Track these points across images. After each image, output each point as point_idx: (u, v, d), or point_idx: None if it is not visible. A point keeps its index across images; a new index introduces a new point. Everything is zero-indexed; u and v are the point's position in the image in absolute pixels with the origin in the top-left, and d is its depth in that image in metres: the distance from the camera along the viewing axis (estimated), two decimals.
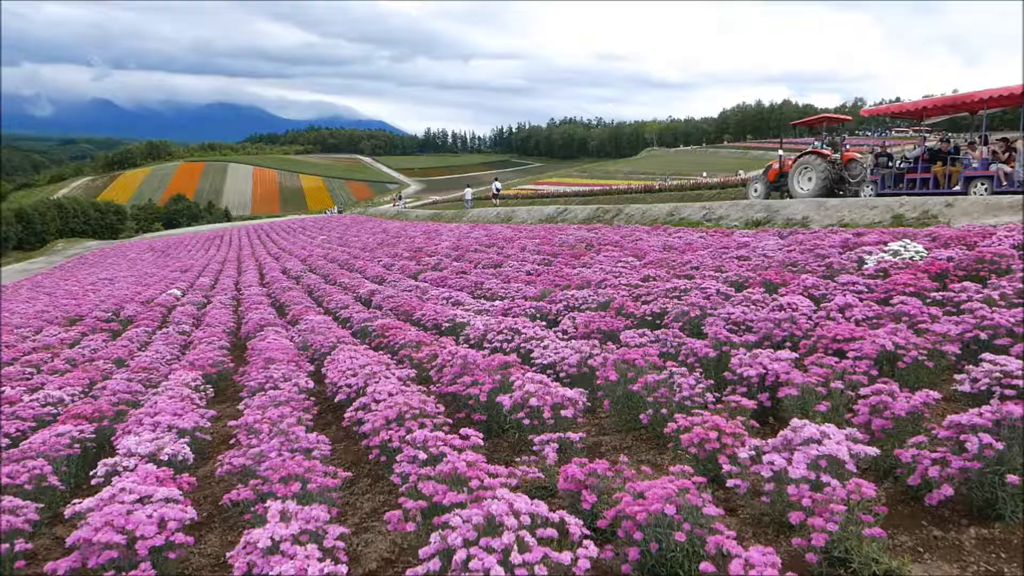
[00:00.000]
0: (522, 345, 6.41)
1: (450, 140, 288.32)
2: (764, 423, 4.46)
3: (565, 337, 6.83)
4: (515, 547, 2.64)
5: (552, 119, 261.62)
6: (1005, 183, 13.40)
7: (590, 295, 8.36)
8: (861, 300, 6.07)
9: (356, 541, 3.78)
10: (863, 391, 3.86)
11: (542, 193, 71.81)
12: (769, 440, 3.41)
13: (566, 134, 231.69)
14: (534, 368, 5.66)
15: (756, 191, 19.96)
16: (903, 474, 3.34)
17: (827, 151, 17.87)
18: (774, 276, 7.67)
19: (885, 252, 7.97)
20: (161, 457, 4.48)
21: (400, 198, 79.02)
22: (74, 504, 3.53)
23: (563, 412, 4.41)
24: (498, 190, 46.64)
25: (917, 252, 7.76)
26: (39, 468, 4.48)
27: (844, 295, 6.15)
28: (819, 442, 3.20)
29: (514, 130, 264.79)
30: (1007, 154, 13.85)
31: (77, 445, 5.23)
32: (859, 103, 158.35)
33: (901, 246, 7.98)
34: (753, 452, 3.39)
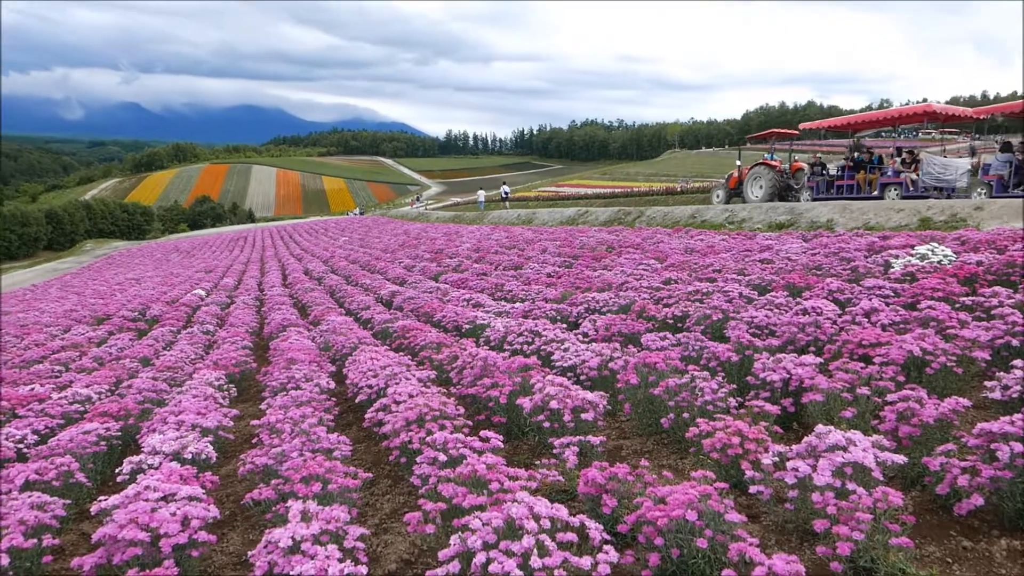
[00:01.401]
0: (542, 347, 6.40)
1: (471, 142, 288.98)
2: (788, 429, 4.40)
3: (586, 340, 6.80)
4: (535, 551, 2.63)
5: (573, 121, 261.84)
6: (912, 188, 15.45)
7: (611, 298, 8.33)
8: (887, 304, 5.98)
9: (376, 542, 3.78)
10: (890, 397, 3.80)
11: (563, 195, 71.71)
12: (793, 446, 3.36)
13: (587, 136, 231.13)
14: (554, 371, 5.65)
15: (718, 197, 21.79)
16: (931, 483, 3.28)
17: (775, 162, 19.73)
18: (798, 279, 7.58)
19: (912, 256, 7.84)
20: (185, 455, 4.53)
21: (419, 199, 79.37)
22: (100, 501, 3.58)
23: (583, 415, 4.39)
24: (506, 194, 47.50)
25: (945, 256, 7.62)
26: (67, 465, 4.55)
27: (870, 299, 6.06)
28: (845, 449, 3.15)
29: (535, 132, 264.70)
30: (913, 164, 15.78)
31: (103, 443, 5.32)
32: (885, 104, 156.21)
33: (929, 250, 7.84)
34: (776, 458, 3.34)
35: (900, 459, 3.17)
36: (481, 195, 49.25)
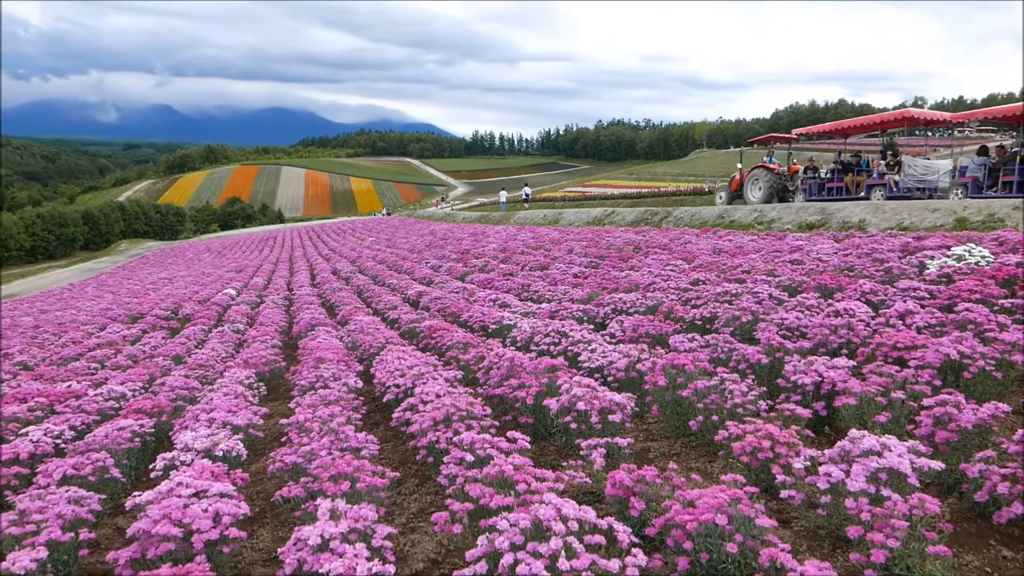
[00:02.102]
0: (569, 348, 6.37)
1: (497, 142, 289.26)
2: (819, 433, 4.33)
3: (613, 341, 6.76)
4: (563, 553, 2.62)
5: (600, 121, 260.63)
6: (895, 189, 16.37)
7: (638, 298, 8.27)
8: (923, 307, 5.85)
9: (403, 541, 3.80)
10: (926, 402, 3.71)
11: (589, 195, 71.46)
12: (825, 451, 3.30)
13: (613, 136, 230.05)
14: (581, 372, 5.62)
15: (720, 198, 22.70)
16: (969, 490, 3.20)
17: (773, 165, 20.62)
18: (829, 281, 7.45)
19: (948, 257, 7.66)
20: (216, 453, 4.60)
21: (443, 200, 79.66)
22: (134, 496, 3.65)
23: (611, 417, 4.36)
24: (528, 195, 47.54)
25: (983, 257, 7.43)
26: (102, 460, 4.65)
27: (904, 301, 5.93)
28: (879, 454, 3.09)
29: (561, 132, 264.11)
30: (896, 166, 16.70)
31: (137, 439, 5.43)
32: (919, 102, 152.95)
33: (966, 251, 7.66)
34: (808, 463, 3.29)
35: (937, 465, 3.10)
36: (503, 195, 49.31)
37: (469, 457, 3.81)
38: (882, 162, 17.31)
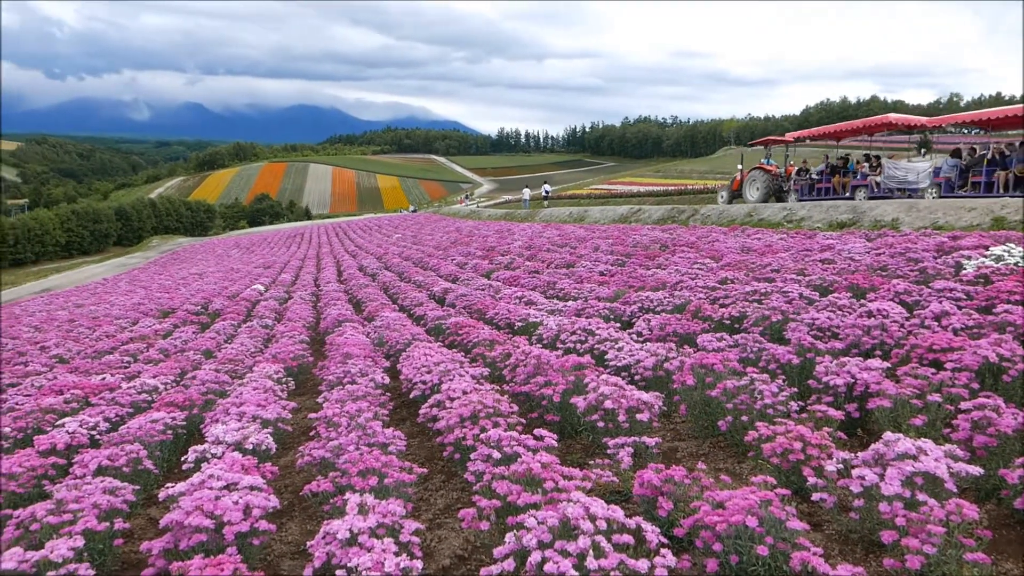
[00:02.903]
0: (596, 346, 6.35)
1: (523, 140, 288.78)
2: (852, 435, 4.25)
3: (640, 339, 6.72)
4: (591, 552, 2.61)
5: (626, 118, 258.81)
6: (876, 190, 17.25)
7: (665, 297, 8.21)
8: (959, 308, 5.72)
9: (430, 537, 3.82)
10: (963, 405, 3.63)
11: (615, 193, 71.12)
12: (859, 454, 3.24)
13: (640, 133, 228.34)
14: (608, 370, 5.59)
15: (723, 197, 23.60)
16: (1009, 496, 3.12)
17: (770, 167, 21.71)
18: (862, 280, 7.32)
19: (986, 257, 7.48)
20: (246, 446, 4.66)
21: (467, 197, 79.78)
22: (168, 488, 3.71)
23: (638, 416, 4.34)
24: (547, 193, 47.69)
25: (1023, 257, 7.24)
26: (136, 452, 4.74)
27: (940, 302, 5.80)
28: (915, 458, 3.03)
29: (587, 129, 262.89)
30: (877, 168, 17.64)
31: (169, 431, 5.52)
32: (955, 99, 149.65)
33: (1004, 251, 7.46)
34: (841, 465, 3.24)
35: (975, 470, 3.03)
36: (526, 193, 49.23)
37: (496, 454, 3.81)
38: (866, 164, 18.29)
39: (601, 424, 4.43)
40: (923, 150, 17.21)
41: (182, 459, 4.63)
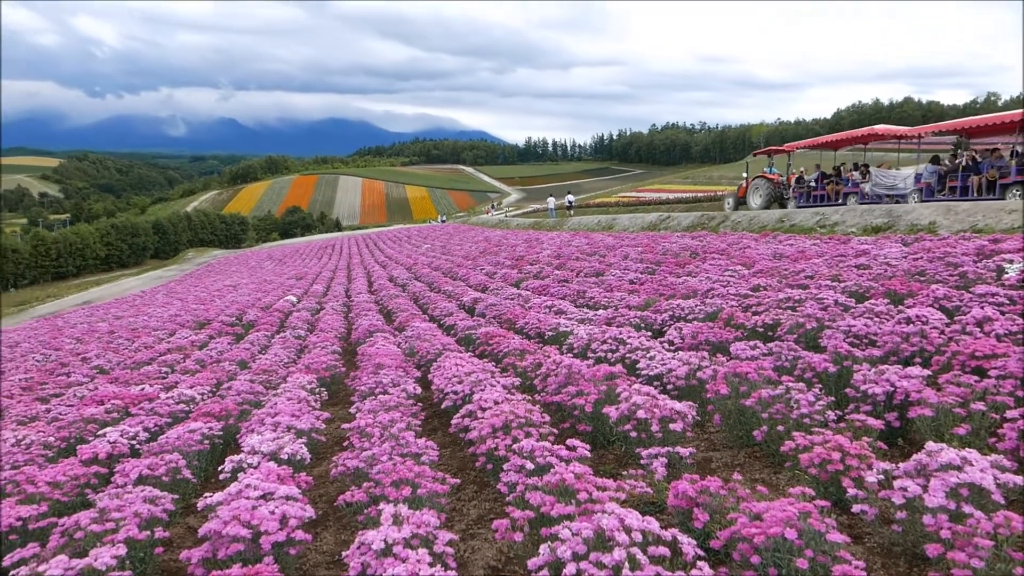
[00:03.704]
0: (627, 355, 6.31)
1: (550, 148, 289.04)
2: (892, 445, 4.16)
3: (671, 348, 6.66)
4: (626, 564, 2.58)
5: (654, 125, 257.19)
6: (865, 196, 18.62)
7: (696, 305, 8.13)
8: (1002, 313, 5.56)
9: (463, 547, 3.82)
10: (1009, 414, 3.53)
11: (644, 200, 70.73)
12: (900, 464, 3.16)
13: (668, 140, 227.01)
14: (640, 379, 5.55)
15: (729, 204, 24.83)
16: None
17: (773, 175, 22.98)
18: (899, 286, 7.17)
19: None
20: (281, 456, 4.72)
21: (494, 207, 80.00)
22: (206, 497, 3.78)
23: (672, 426, 4.29)
24: (571, 202, 48.36)
25: None
26: (174, 462, 4.83)
27: (982, 307, 5.65)
28: (959, 468, 2.94)
29: (615, 137, 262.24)
30: (865, 176, 19.06)
31: (206, 441, 5.62)
32: (992, 98, 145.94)
33: None
34: (882, 476, 3.16)
35: (1023, 481, 2.94)
36: (551, 202, 49.26)
37: (529, 465, 3.80)
38: (855, 172, 19.79)
39: (634, 434, 4.39)
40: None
41: (219, 469, 4.71)
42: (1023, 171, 14.81)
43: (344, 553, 3.17)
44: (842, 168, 20.95)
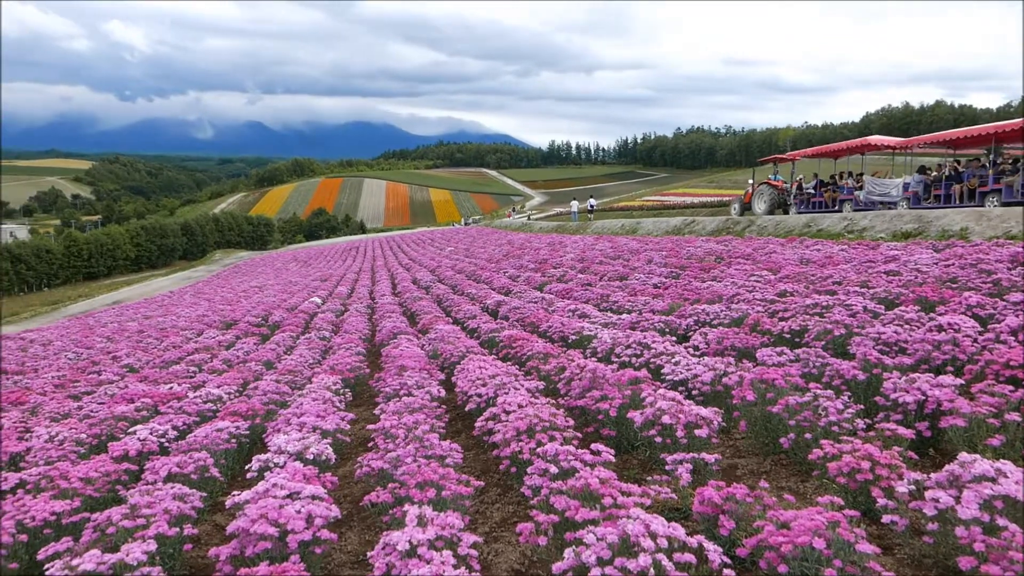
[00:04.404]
0: (651, 360, 6.28)
1: (574, 152, 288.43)
2: (923, 455, 4.09)
3: (696, 353, 6.61)
4: (652, 570, 2.57)
5: (678, 128, 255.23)
6: (859, 203, 19.60)
7: (722, 310, 8.06)
8: None
9: (487, 550, 3.82)
10: None
11: (668, 204, 70.34)
12: (932, 474, 3.11)
13: (693, 143, 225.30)
14: (664, 384, 5.52)
15: (735, 209, 25.71)
16: None
17: (777, 182, 24.07)
18: (930, 293, 7.04)
19: None
20: (307, 456, 4.77)
21: (514, 211, 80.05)
22: (234, 495, 3.83)
23: (697, 431, 4.26)
24: (592, 206, 48.55)
25: None
26: (203, 460, 4.90)
27: (1017, 315, 5.53)
28: (993, 480, 2.89)
29: (639, 141, 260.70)
30: (859, 183, 20.09)
31: (233, 440, 5.69)
32: None
33: None
34: (913, 486, 3.11)
35: None
36: (574, 205, 49.19)
37: (553, 469, 3.80)
38: (850, 180, 20.86)
39: (659, 439, 4.37)
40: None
41: (246, 467, 4.76)
42: (999, 179, 15.85)
43: (369, 553, 3.20)
44: (838, 176, 22.06)
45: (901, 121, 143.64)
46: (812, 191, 22.42)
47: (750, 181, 25.93)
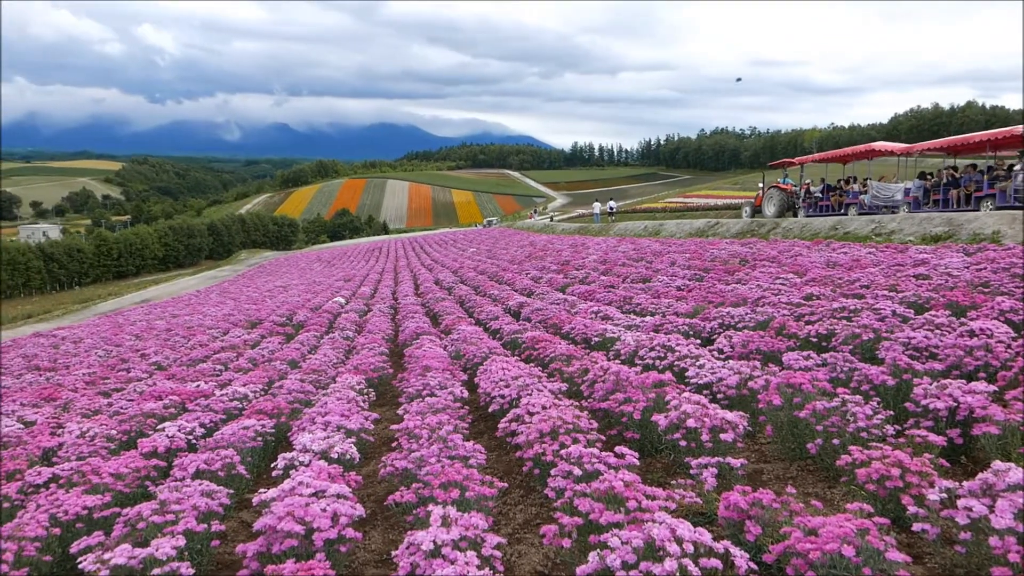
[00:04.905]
0: (675, 363, 6.24)
1: (597, 153, 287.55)
2: (954, 463, 4.01)
3: (721, 356, 6.56)
4: (677, 575, 2.55)
5: (702, 130, 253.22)
6: (864, 207, 20.04)
7: (747, 313, 7.98)
8: None
9: (510, 551, 3.83)
10: None
11: (691, 206, 69.82)
12: (964, 483, 3.05)
13: (717, 145, 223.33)
14: (689, 388, 5.48)
15: (747, 212, 26.09)
16: None
17: (786, 185, 24.82)
18: (961, 297, 6.92)
19: None
20: (332, 455, 4.81)
21: (535, 212, 79.91)
22: (261, 493, 3.87)
23: (722, 436, 4.23)
24: (612, 208, 48.58)
25: None
26: (230, 457, 4.97)
27: None
28: None
29: (662, 142, 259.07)
30: (864, 188, 20.61)
31: (259, 438, 5.76)
32: None
33: None
34: (944, 495, 3.05)
35: None
36: (596, 207, 49.08)
37: (576, 471, 3.79)
38: (855, 185, 21.25)
39: (683, 443, 4.34)
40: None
41: (271, 465, 4.82)
42: (993, 184, 16.40)
43: (393, 553, 3.22)
44: (844, 181, 22.40)
45: (931, 123, 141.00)
46: (820, 195, 22.85)
47: (760, 184, 26.39)
